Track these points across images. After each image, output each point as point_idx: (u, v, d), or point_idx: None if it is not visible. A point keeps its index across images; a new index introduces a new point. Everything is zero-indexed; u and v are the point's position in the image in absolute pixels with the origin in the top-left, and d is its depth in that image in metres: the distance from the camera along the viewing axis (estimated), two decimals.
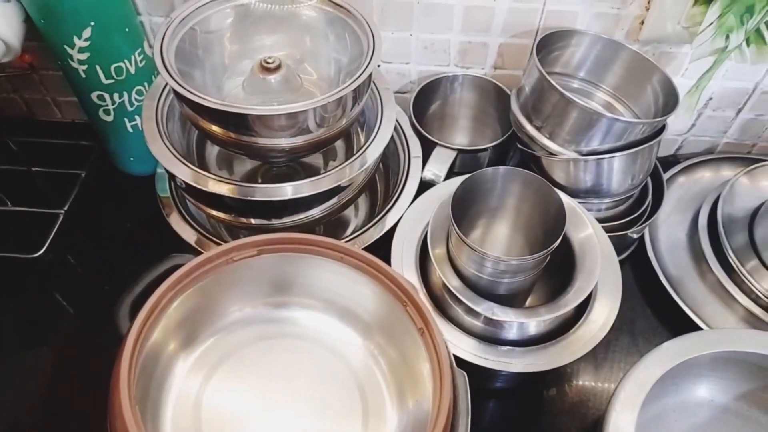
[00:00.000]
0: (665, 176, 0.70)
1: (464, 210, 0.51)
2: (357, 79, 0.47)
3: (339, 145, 0.64)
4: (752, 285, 0.59)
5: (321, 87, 0.56)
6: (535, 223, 0.51)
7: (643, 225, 0.60)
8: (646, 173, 0.59)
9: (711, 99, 0.66)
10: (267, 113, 0.46)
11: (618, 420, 0.43)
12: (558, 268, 0.52)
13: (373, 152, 0.53)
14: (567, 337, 0.49)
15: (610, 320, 0.50)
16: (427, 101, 0.68)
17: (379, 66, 0.68)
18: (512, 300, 0.52)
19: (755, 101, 0.66)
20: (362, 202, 0.66)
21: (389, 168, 0.64)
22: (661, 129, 0.56)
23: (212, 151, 0.63)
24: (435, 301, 0.52)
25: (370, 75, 0.50)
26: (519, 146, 0.60)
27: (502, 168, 0.49)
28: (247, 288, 0.46)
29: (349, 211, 0.66)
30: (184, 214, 0.58)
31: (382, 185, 0.65)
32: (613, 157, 0.54)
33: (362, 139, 0.61)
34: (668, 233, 0.67)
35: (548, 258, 0.49)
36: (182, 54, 0.50)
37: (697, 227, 0.65)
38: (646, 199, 0.62)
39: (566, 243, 0.51)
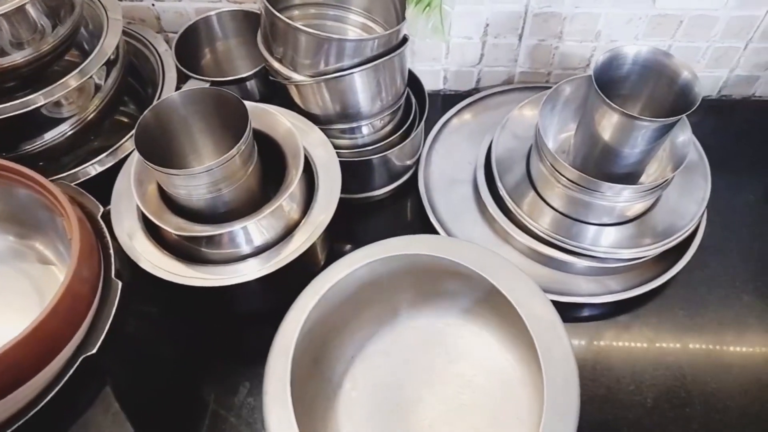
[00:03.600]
0: (455, 109, 0.70)
1: (165, 143, 0.49)
2: None
3: None
4: (528, 223, 0.58)
5: None
6: (231, 135, 0.50)
7: (397, 147, 0.58)
8: (396, 94, 0.57)
9: (488, 25, 0.65)
10: None
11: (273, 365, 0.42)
12: (280, 174, 0.50)
13: (86, 71, 0.51)
14: (288, 241, 0.49)
15: (332, 204, 0.50)
16: (200, 40, 0.66)
17: (153, 5, 0.67)
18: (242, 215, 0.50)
19: (531, 25, 0.65)
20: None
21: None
22: (400, 44, 0.54)
23: None
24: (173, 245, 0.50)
25: None
26: (270, 77, 0.59)
27: (183, 92, 0.48)
28: None
29: None
30: None
31: None
32: (348, 74, 0.53)
33: None
34: (454, 166, 0.66)
35: (252, 162, 0.48)
36: None
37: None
38: (407, 122, 0.61)
39: (272, 145, 0.50)
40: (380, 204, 0.64)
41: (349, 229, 0.63)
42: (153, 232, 0.50)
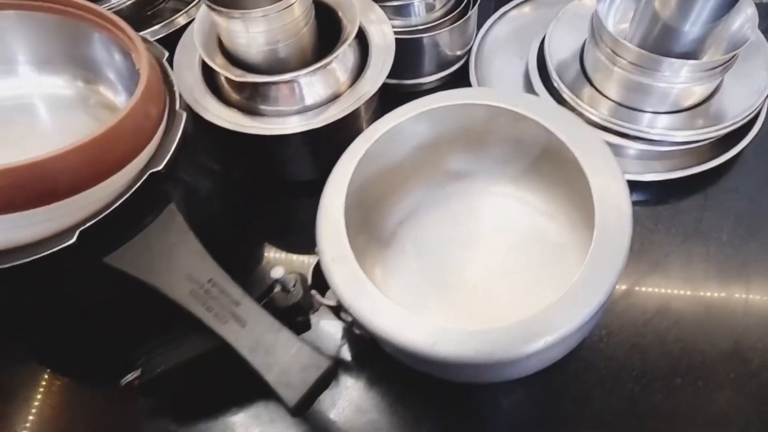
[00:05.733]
0: (511, 4, 0.69)
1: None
2: None
3: None
4: (581, 108, 0.57)
5: None
6: None
7: (448, 28, 0.59)
8: None
9: None
10: None
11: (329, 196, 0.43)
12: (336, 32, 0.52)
13: None
14: (334, 103, 0.50)
15: (381, 76, 0.50)
16: None
17: None
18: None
19: None
20: None
21: None
22: None
23: None
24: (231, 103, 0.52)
25: None
26: None
27: None
28: None
29: None
30: None
31: None
32: None
33: None
34: (506, 60, 0.65)
35: (309, 21, 0.49)
36: None
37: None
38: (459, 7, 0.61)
39: (330, 19, 0.51)
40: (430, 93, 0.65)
41: None
42: (212, 89, 0.52)
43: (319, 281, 0.42)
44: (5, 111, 0.47)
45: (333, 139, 0.50)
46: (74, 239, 0.36)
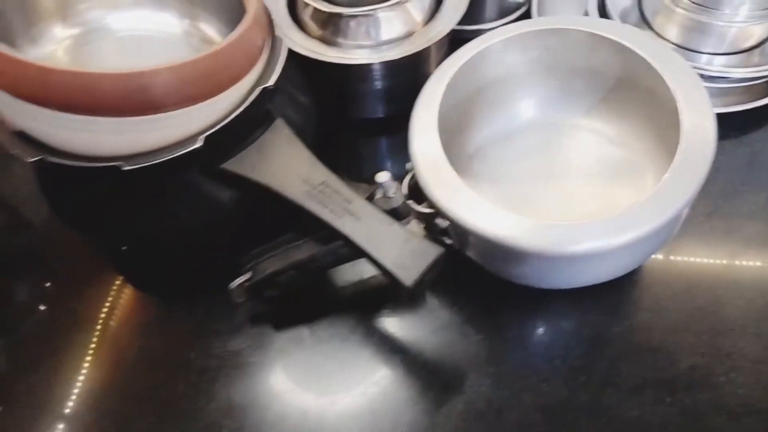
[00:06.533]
0: None
1: None
2: None
3: None
4: None
5: None
6: None
7: None
8: None
9: None
10: None
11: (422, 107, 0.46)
12: None
13: None
14: (407, 40, 0.54)
15: (455, 17, 0.54)
16: None
17: None
18: None
19: None
20: None
21: None
22: None
23: None
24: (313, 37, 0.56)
25: None
26: None
27: None
28: None
29: None
30: None
31: None
32: None
33: None
34: (566, 8, 0.67)
35: None
36: None
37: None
38: None
39: None
40: None
41: None
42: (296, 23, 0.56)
43: (410, 196, 0.45)
44: (125, 41, 0.51)
45: (403, 78, 0.55)
46: (200, 143, 0.40)
